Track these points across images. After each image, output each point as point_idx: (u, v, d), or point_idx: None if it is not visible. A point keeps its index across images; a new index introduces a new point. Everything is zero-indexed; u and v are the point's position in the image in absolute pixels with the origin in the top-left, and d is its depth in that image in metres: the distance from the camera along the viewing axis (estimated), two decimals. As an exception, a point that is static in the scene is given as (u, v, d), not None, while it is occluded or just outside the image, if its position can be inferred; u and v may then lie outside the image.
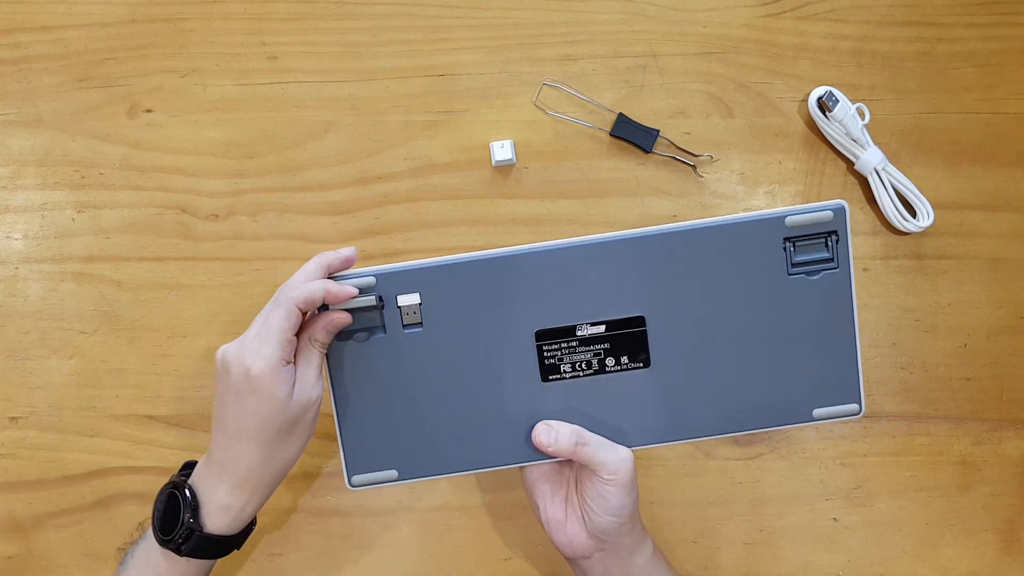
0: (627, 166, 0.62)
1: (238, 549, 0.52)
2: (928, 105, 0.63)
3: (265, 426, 0.47)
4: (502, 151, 0.61)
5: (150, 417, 0.62)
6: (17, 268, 0.62)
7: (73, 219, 0.62)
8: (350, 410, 0.52)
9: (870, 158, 0.60)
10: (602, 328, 0.51)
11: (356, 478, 0.52)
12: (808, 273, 0.51)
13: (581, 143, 0.63)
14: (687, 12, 0.63)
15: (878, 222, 0.62)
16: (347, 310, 0.50)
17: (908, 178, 0.61)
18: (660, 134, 0.62)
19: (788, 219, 0.50)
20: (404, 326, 0.51)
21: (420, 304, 0.51)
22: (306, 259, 0.61)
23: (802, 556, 0.61)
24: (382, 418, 0.52)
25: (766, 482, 0.61)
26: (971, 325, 0.62)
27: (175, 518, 0.49)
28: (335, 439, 0.61)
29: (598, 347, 0.51)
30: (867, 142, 0.61)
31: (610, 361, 0.52)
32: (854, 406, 0.52)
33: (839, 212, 0.51)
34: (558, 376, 0.52)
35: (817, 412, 0.52)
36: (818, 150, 0.63)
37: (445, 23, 0.63)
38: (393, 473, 0.52)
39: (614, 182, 0.62)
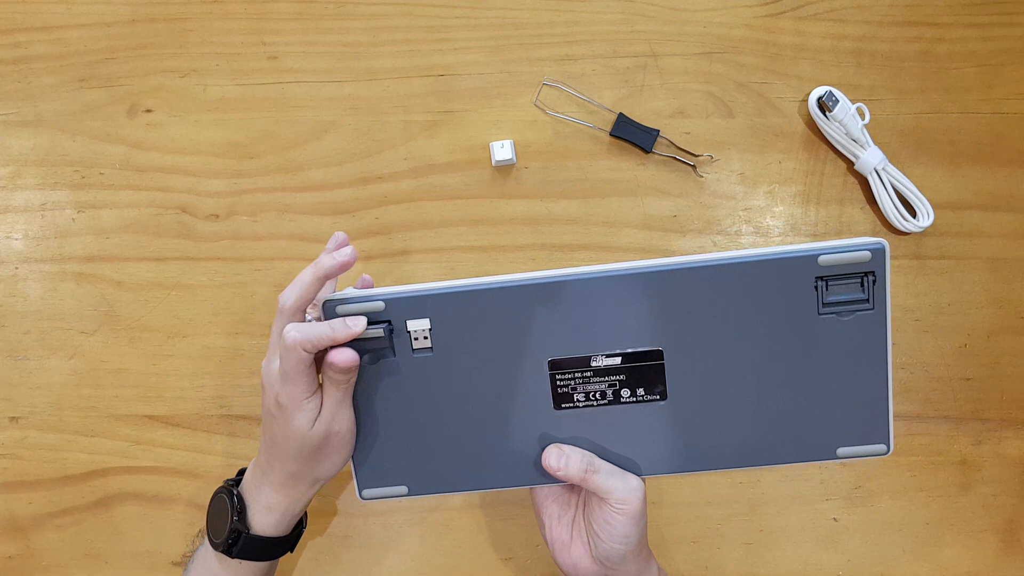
0: (627, 166, 0.62)
1: (291, 551, 0.53)
2: (928, 105, 0.63)
3: (294, 446, 0.48)
4: (502, 151, 0.61)
5: (150, 417, 0.62)
6: (17, 268, 0.62)
7: (73, 219, 0.62)
8: (362, 428, 0.51)
9: (870, 158, 0.60)
10: (618, 360, 0.50)
11: (367, 492, 0.52)
12: (839, 314, 0.48)
13: (581, 143, 0.63)
14: (687, 12, 0.63)
15: (878, 222, 0.62)
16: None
17: (908, 178, 0.61)
18: (660, 134, 0.62)
19: (821, 258, 0.47)
20: (414, 350, 0.50)
21: (430, 329, 0.50)
22: (306, 259, 0.61)
23: (802, 556, 0.61)
24: (393, 437, 0.51)
25: (766, 482, 0.61)
26: (971, 325, 0.62)
27: (224, 521, 0.50)
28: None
29: (613, 378, 0.50)
30: (867, 142, 0.61)
31: (625, 392, 0.50)
32: (882, 447, 0.50)
33: (878, 252, 0.47)
34: (571, 405, 0.50)
35: (841, 451, 0.50)
36: (818, 150, 0.63)
37: (445, 23, 0.63)
38: (403, 489, 0.52)
39: (614, 182, 0.62)
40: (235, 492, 0.51)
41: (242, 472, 0.54)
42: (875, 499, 0.61)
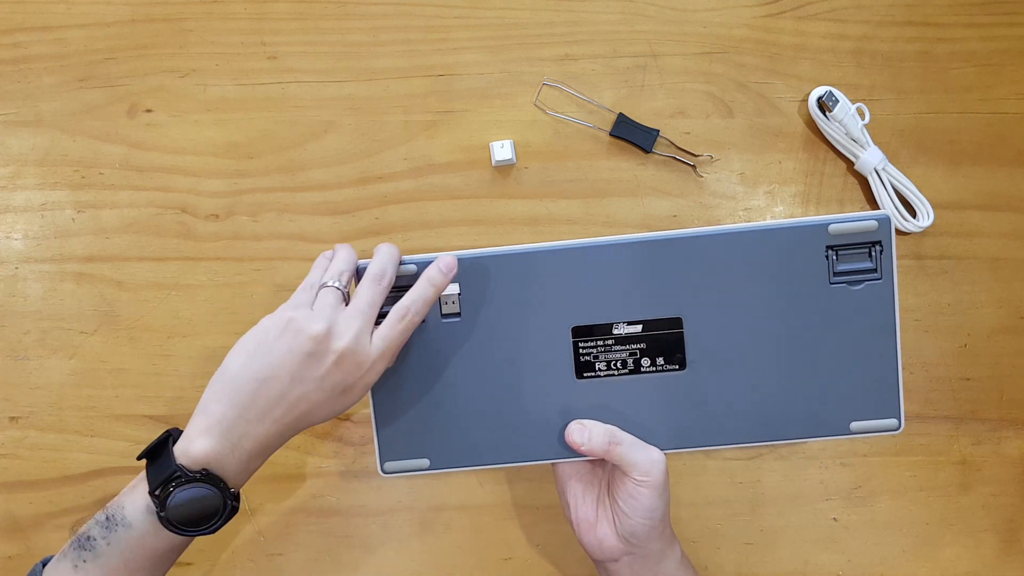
0: (627, 166, 0.62)
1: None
2: (928, 105, 0.63)
3: (335, 397, 0.48)
4: (502, 151, 0.61)
5: (150, 417, 0.62)
6: (17, 268, 0.62)
7: (73, 219, 0.62)
8: (386, 397, 0.52)
9: (870, 158, 0.60)
10: (639, 328, 0.51)
11: (388, 464, 0.52)
12: (850, 283, 0.51)
13: (581, 143, 0.63)
14: (687, 12, 0.63)
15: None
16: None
17: (908, 178, 0.61)
18: (660, 134, 0.62)
19: (831, 227, 0.50)
20: (443, 316, 0.51)
21: (459, 294, 0.51)
22: (307, 259, 0.61)
23: (802, 556, 0.61)
24: (417, 406, 0.52)
25: (766, 482, 0.61)
26: (971, 325, 0.62)
27: (216, 513, 0.46)
28: (335, 440, 0.61)
29: (634, 347, 0.51)
30: (867, 142, 0.61)
31: (645, 361, 0.52)
32: (893, 421, 0.52)
33: (884, 222, 0.50)
34: (592, 374, 0.52)
35: (855, 425, 0.52)
36: (818, 150, 0.63)
37: (445, 23, 0.63)
38: (425, 462, 0.52)
39: (614, 182, 0.62)
40: (216, 478, 0.46)
41: (154, 448, 0.47)
42: (875, 499, 0.61)
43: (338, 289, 0.49)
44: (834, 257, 0.50)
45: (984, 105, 0.63)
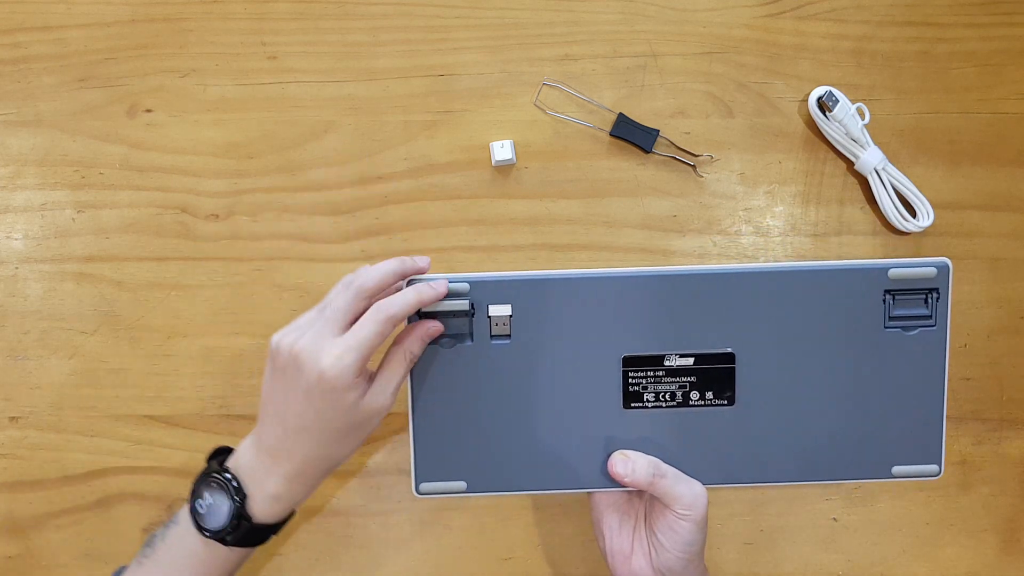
0: (627, 166, 0.62)
1: (275, 535, 0.51)
2: (928, 105, 0.63)
3: (329, 427, 0.47)
4: (502, 151, 0.61)
5: (150, 417, 0.62)
6: (17, 268, 0.62)
7: (73, 219, 0.62)
8: (427, 416, 0.51)
9: (870, 158, 0.60)
10: (691, 360, 0.51)
11: (424, 486, 0.51)
12: (904, 328, 0.51)
13: (581, 143, 0.63)
14: (687, 12, 0.63)
15: (878, 222, 0.62)
16: (437, 314, 0.49)
17: (908, 178, 0.61)
18: (660, 134, 0.62)
19: (891, 271, 0.50)
20: (492, 336, 0.50)
21: (511, 316, 0.50)
22: (307, 259, 0.61)
23: (802, 556, 0.61)
24: (457, 427, 0.51)
25: (766, 482, 0.62)
26: (971, 325, 0.62)
27: (224, 511, 0.48)
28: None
29: (684, 379, 0.51)
30: (867, 142, 0.61)
31: (694, 395, 0.51)
32: (934, 467, 0.52)
33: (943, 270, 0.50)
34: (640, 405, 0.51)
35: (896, 469, 0.52)
36: (818, 150, 0.63)
37: (445, 23, 0.63)
38: (462, 484, 0.52)
39: (614, 182, 0.62)
40: (232, 480, 0.49)
41: (221, 451, 0.52)
42: (875, 499, 0.62)
43: (329, 316, 0.48)
44: (891, 301, 0.50)
45: (984, 105, 0.63)
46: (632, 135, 0.62)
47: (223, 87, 0.63)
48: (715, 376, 0.51)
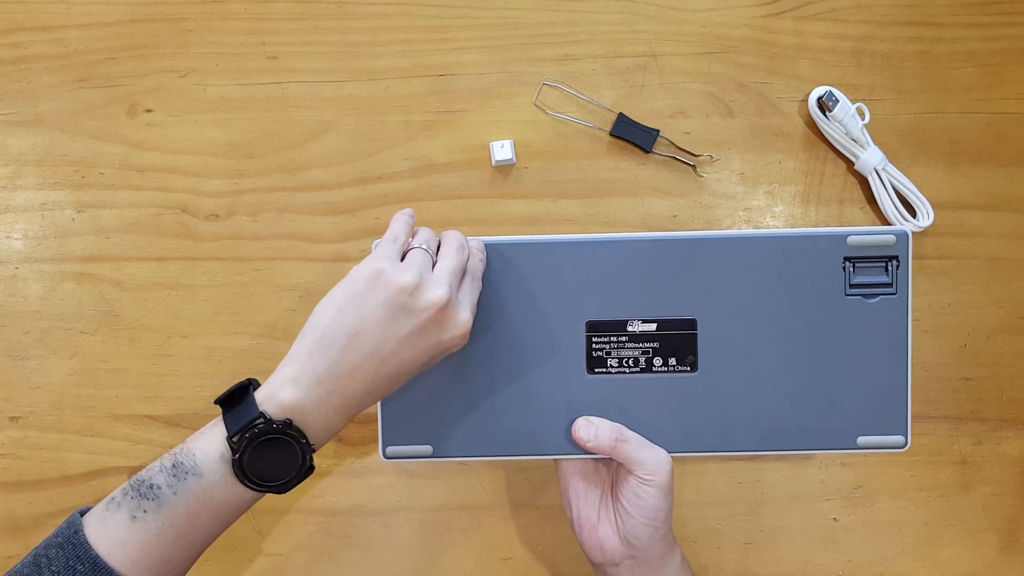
0: (627, 166, 0.62)
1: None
2: (928, 105, 0.63)
3: (425, 355, 0.46)
4: (502, 151, 0.61)
5: (150, 417, 0.62)
6: (17, 268, 0.62)
7: (73, 219, 0.62)
8: None
9: (870, 158, 0.60)
10: (653, 326, 0.51)
11: (390, 449, 0.52)
12: (865, 296, 0.51)
13: (581, 143, 0.63)
14: (687, 12, 0.63)
15: (878, 222, 0.62)
16: None
17: (908, 178, 0.61)
18: (660, 134, 0.62)
19: (850, 239, 0.50)
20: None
21: None
22: (306, 259, 0.61)
23: (802, 556, 0.61)
24: (424, 391, 0.52)
25: (766, 482, 0.61)
26: (971, 325, 0.62)
27: (294, 463, 0.45)
28: (335, 440, 0.61)
29: (647, 345, 0.51)
30: (867, 142, 0.61)
31: (657, 361, 0.51)
32: (900, 438, 0.52)
33: (902, 238, 0.51)
34: (604, 370, 0.51)
35: (861, 440, 0.52)
36: (818, 150, 0.63)
37: (445, 23, 0.63)
38: (427, 448, 0.52)
39: (614, 182, 0.62)
40: (300, 435, 0.44)
41: (232, 396, 0.46)
42: (875, 499, 0.62)
43: (426, 251, 0.48)
44: (851, 269, 0.51)
45: (984, 105, 0.63)
46: (632, 135, 0.62)
47: (223, 87, 0.63)
48: (677, 342, 0.51)
